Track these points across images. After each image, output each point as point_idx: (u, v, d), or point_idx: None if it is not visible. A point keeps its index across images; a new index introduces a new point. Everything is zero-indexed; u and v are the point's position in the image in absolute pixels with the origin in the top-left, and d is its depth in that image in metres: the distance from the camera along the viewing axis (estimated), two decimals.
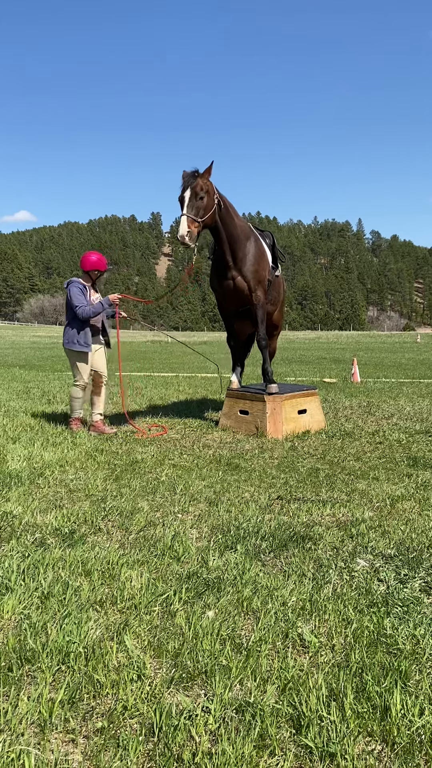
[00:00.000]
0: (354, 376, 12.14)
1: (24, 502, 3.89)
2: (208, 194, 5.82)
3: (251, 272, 6.31)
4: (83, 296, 6.26)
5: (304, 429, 6.34)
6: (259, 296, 6.42)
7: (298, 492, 4.16)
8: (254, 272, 6.33)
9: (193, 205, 5.70)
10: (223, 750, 1.67)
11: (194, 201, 5.72)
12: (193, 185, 5.73)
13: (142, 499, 3.99)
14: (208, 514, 3.67)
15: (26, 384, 11.56)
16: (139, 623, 2.33)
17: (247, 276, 6.31)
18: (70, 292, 6.29)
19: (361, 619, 2.37)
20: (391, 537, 3.28)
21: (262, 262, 6.45)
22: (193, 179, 5.76)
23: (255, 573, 2.79)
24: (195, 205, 5.72)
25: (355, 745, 1.70)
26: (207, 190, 5.80)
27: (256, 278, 6.34)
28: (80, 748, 1.70)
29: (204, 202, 5.77)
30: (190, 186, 5.73)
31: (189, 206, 5.69)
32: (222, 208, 6.04)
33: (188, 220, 5.66)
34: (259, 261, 6.40)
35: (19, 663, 2.06)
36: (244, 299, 6.46)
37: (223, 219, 6.08)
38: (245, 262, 6.29)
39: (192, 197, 5.71)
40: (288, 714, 1.83)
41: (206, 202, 5.79)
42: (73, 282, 6.37)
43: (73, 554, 2.99)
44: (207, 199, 5.79)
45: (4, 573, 2.76)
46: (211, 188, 5.89)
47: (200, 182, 5.75)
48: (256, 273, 6.34)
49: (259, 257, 6.41)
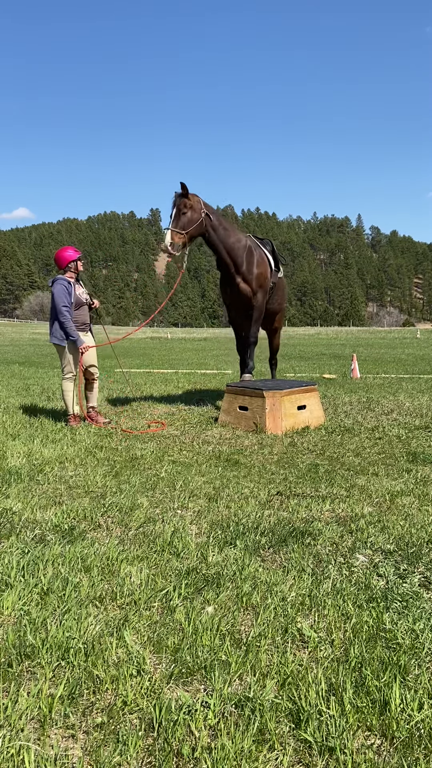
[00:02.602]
0: (353, 372, 12.14)
1: (24, 499, 3.89)
2: (192, 209, 6.49)
3: (253, 276, 6.87)
4: (68, 295, 6.38)
5: (303, 425, 6.34)
6: (259, 299, 6.99)
7: (297, 488, 4.17)
8: (256, 276, 6.88)
9: (177, 220, 6.43)
10: (223, 745, 1.67)
11: (178, 216, 6.45)
12: (178, 203, 6.46)
13: (142, 495, 4.00)
14: (207, 510, 3.67)
15: (26, 381, 11.56)
16: (138, 619, 2.34)
17: (249, 279, 6.87)
18: (55, 290, 6.40)
19: (360, 614, 2.37)
20: (390, 532, 3.28)
21: (263, 266, 6.99)
22: (178, 198, 6.48)
23: (254, 568, 2.80)
24: (179, 219, 6.44)
25: (355, 740, 1.71)
26: (191, 205, 6.48)
27: (257, 282, 6.90)
28: (80, 744, 1.71)
29: (188, 217, 6.46)
30: (175, 204, 6.47)
31: (174, 221, 6.44)
32: (212, 219, 6.65)
33: (172, 232, 6.38)
34: (260, 265, 6.94)
35: (18, 659, 2.07)
36: (248, 302, 7.03)
37: (216, 229, 6.70)
38: (246, 267, 6.84)
39: (176, 213, 6.44)
40: (287, 709, 1.83)
41: (190, 216, 6.47)
42: (58, 280, 6.46)
43: (73, 550, 2.99)
44: (191, 213, 6.47)
45: (4, 569, 2.76)
46: (195, 204, 6.55)
47: (184, 200, 6.45)
48: (258, 277, 6.89)
49: (259, 262, 6.95)
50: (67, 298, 6.35)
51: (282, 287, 7.72)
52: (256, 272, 6.84)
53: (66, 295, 6.35)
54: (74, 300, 6.44)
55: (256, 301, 6.95)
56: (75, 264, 6.55)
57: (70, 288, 6.41)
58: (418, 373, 13.01)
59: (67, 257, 6.54)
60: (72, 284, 6.46)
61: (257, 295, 6.93)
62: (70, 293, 6.38)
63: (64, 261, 6.54)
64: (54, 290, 6.40)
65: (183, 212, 6.41)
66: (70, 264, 6.54)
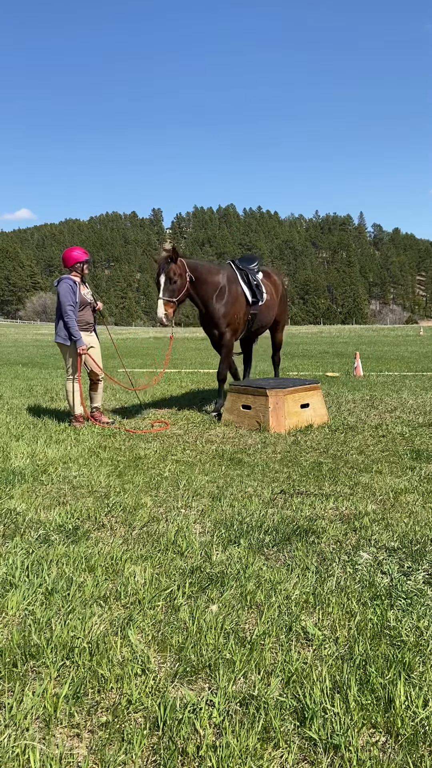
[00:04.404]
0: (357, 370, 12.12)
1: (28, 499, 3.90)
2: (180, 276, 6.50)
3: (222, 320, 6.95)
4: (73, 295, 6.39)
5: (306, 423, 6.33)
6: (227, 337, 7.04)
7: (301, 486, 4.16)
8: (223, 317, 6.95)
9: (167, 288, 6.41)
10: (228, 743, 1.67)
11: (168, 285, 6.41)
12: (167, 270, 6.40)
13: (146, 494, 4.00)
14: (211, 509, 3.67)
15: (29, 381, 11.58)
16: (143, 618, 2.34)
17: (218, 324, 6.93)
18: (60, 289, 6.41)
19: (364, 612, 2.37)
20: (394, 530, 3.28)
21: (234, 307, 7.03)
22: (167, 265, 6.41)
23: (258, 567, 2.80)
24: (169, 288, 6.42)
25: (359, 737, 1.71)
26: (179, 273, 6.48)
27: (224, 322, 6.98)
28: (85, 743, 1.71)
29: (177, 285, 6.46)
30: (164, 272, 6.41)
31: (164, 290, 6.41)
32: (193, 281, 6.67)
33: (164, 303, 6.38)
34: (230, 305, 6.99)
35: (23, 658, 2.07)
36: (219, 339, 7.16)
37: (195, 287, 6.73)
38: (216, 314, 6.91)
39: (167, 282, 6.40)
40: (292, 707, 1.83)
41: (179, 283, 6.48)
42: (64, 279, 6.47)
43: (77, 550, 3.00)
44: (179, 280, 6.48)
45: (9, 569, 2.77)
46: (182, 269, 6.56)
47: (173, 267, 6.42)
48: (225, 317, 6.96)
49: (230, 302, 6.98)
50: (72, 298, 6.36)
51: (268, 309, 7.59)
52: (223, 311, 6.87)
53: (71, 295, 6.36)
54: (79, 300, 6.45)
55: (225, 339, 7.02)
56: (81, 266, 6.56)
57: (76, 288, 6.42)
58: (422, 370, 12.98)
59: (75, 257, 6.55)
60: (77, 284, 6.48)
61: (226, 335, 6.98)
62: (75, 293, 6.39)
63: (71, 261, 6.55)
64: (59, 289, 6.41)
65: (174, 281, 6.41)
66: (76, 264, 6.54)
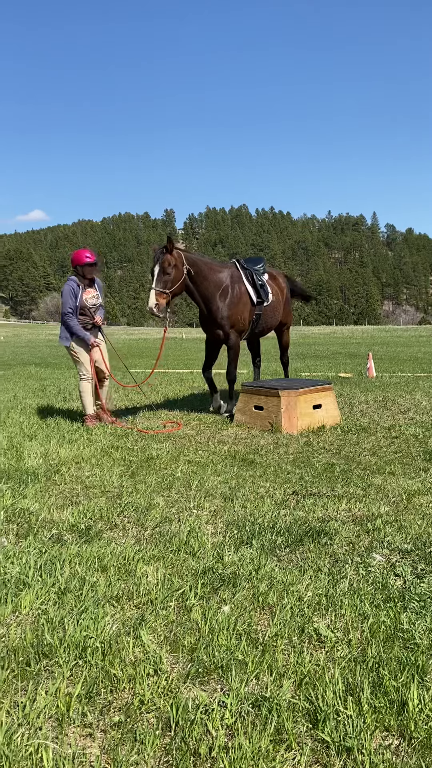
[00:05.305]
0: (369, 371, 12.06)
1: (41, 499, 3.92)
2: (176, 267, 6.31)
3: (225, 321, 6.80)
4: (73, 298, 6.39)
5: (319, 424, 6.31)
6: (233, 340, 6.90)
7: (313, 487, 4.15)
8: (227, 317, 6.79)
9: (161, 279, 6.24)
10: (240, 744, 1.67)
11: (162, 276, 6.24)
12: (161, 261, 6.25)
13: (158, 495, 4.01)
14: (223, 510, 3.67)
15: (42, 382, 11.64)
16: (155, 618, 2.34)
17: (222, 324, 6.80)
18: (63, 291, 6.48)
19: (377, 614, 2.35)
20: (407, 532, 3.26)
21: (237, 307, 6.86)
22: (162, 255, 6.26)
23: (270, 568, 2.79)
24: (162, 279, 6.25)
25: (372, 740, 1.70)
26: (174, 264, 6.30)
27: (229, 323, 6.82)
28: (98, 742, 1.72)
29: (171, 276, 6.28)
30: (158, 262, 6.26)
31: (157, 280, 6.25)
32: (192, 274, 6.50)
33: (156, 293, 6.21)
34: (233, 306, 6.81)
35: (36, 658, 2.08)
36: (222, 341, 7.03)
37: (195, 282, 6.57)
38: (219, 314, 6.75)
39: (160, 272, 6.24)
40: (304, 708, 1.83)
41: (173, 275, 6.30)
42: (69, 280, 6.49)
43: (90, 550, 3.01)
44: (174, 272, 6.30)
45: (22, 569, 2.78)
46: (179, 261, 6.37)
47: (168, 257, 6.26)
48: (229, 318, 6.80)
49: (233, 302, 6.81)
50: (71, 301, 6.36)
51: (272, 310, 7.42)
52: (227, 312, 6.73)
53: (71, 297, 6.36)
54: (79, 303, 6.40)
55: (230, 341, 6.90)
56: (81, 269, 6.46)
57: (77, 290, 6.39)
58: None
59: (75, 260, 6.52)
60: (80, 287, 6.42)
61: (231, 336, 6.87)
62: (76, 296, 6.37)
63: (72, 263, 6.57)
64: (62, 290, 6.48)
65: (167, 272, 6.24)
66: (77, 267, 6.50)
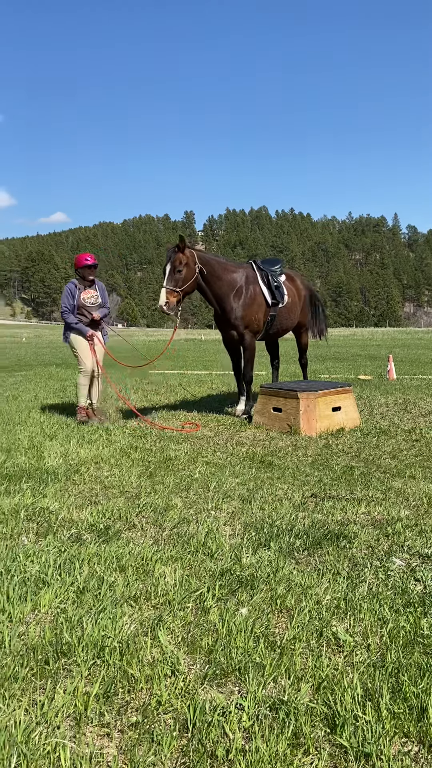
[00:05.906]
0: (389, 373, 11.96)
1: (60, 498, 3.95)
2: (187, 266, 6.36)
3: (240, 322, 6.79)
4: (71, 298, 6.78)
5: (338, 426, 6.27)
6: (248, 340, 6.91)
7: (332, 490, 4.12)
8: (242, 318, 6.78)
9: (172, 278, 6.30)
10: (257, 747, 1.66)
11: (173, 274, 6.30)
12: (173, 259, 6.31)
13: (176, 495, 4.01)
14: (241, 512, 3.66)
15: (63, 382, 11.73)
16: (173, 619, 2.34)
17: (237, 325, 6.80)
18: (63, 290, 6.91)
19: (397, 619, 2.33)
20: (428, 536, 3.22)
21: (251, 308, 6.84)
22: (174, 253, 6.34)
23: (289, 571, 2.78)
24: (174, 277, 6.31)
25: (391, 746, 1.68)
26: (186, 262, 6.35)
27: (243, 324, 6.80)
28: (115, 742, 1.72)
29: (182, 275, 6.33)
30: (170, 260, 6.33)
31: (168, 278, 6.32)
32: (205, 273, 6.54)
33: (167, 291, 6.27)
34: (248, 307, 6.80)
35: (55, 656, 2.09)
36: (238, 342, 7.03)
37: (208, 282, 6.60)
38: (233, 314, 6.75)
39: (171, 271, 6.30)
40: (323, 713, 1.81)
41: (185, 273, 6.34)
42: (68, 283, 6.90)
43: (108, 550, 3.02)
44: (186, 270, 6.35)
45: (42, 567, 2.80)
46: (190, 260, 6.42)
47: (179, 256, 6.32)
48: (243, 318, 6.79)
49: (248, 303, 6.80)
50: (68, 300, 6.79)
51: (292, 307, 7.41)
52: (241, 312, 6.72)
53: (68, 297, 6.81)
54: (76, 303, 6.78)
55: (246, 341, 6.89)
56: (82, 271, 6.85)
57: (75, 291, 6.77)
58: None
59: (76, 263, 6.95)
60: (78, 287, 6.79)
61: (245, 337, 6.85)
62: (73, 296, 6.77)
63: (75, 265, 6.99)
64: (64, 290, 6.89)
65: (178, 270, 6.30)
66: (77, 270, 6.91)
